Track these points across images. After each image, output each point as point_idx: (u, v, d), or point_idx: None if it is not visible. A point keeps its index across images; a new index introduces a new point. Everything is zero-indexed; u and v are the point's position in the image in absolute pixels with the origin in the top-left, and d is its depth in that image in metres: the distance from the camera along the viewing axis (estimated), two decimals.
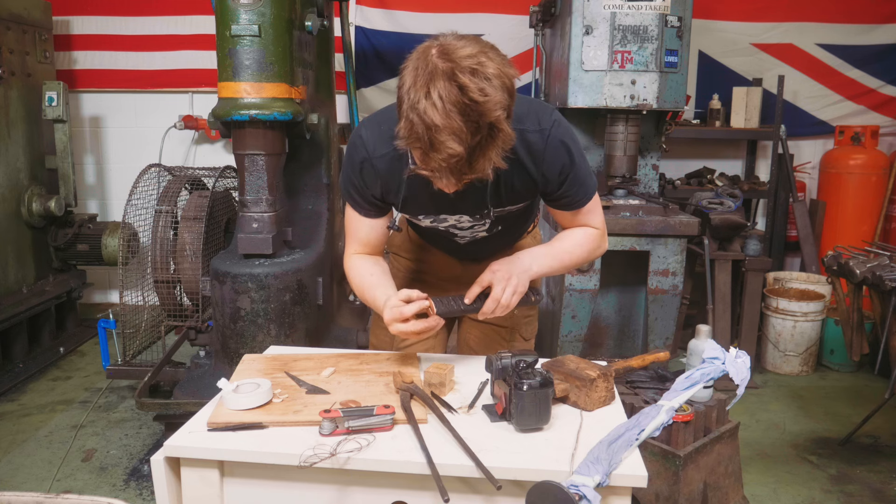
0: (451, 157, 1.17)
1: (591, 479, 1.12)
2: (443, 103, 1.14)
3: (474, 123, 1.15)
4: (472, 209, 1.52)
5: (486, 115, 1.15)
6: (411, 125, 1.18)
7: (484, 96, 1.15)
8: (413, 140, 1.19)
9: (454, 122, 1.14)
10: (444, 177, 1.24)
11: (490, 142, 1.19)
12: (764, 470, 2.87)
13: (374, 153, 1.47)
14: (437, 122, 1.14)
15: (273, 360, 1.59)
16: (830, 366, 4.02)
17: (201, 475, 1.23)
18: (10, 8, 3.79)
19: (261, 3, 2.50)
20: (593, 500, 1.10)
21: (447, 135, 1.15)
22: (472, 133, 1.16)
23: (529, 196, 1.56)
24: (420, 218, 1.59)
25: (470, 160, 1.19)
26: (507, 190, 1.48)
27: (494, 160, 1.22)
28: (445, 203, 1.48)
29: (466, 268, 1.77)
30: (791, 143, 4.44)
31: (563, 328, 3.13)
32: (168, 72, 4.57)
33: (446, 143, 1.15)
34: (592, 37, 3.01)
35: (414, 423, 1.25)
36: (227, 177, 3.51)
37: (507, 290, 1.47)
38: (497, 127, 1.18)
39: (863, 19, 4.50)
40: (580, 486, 1.10)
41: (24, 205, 3.91)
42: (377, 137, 1.47)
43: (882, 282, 2.81)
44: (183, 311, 3.25)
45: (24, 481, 2.70)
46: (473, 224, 1.59)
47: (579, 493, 1.10)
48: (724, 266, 3.60)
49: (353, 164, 1.50)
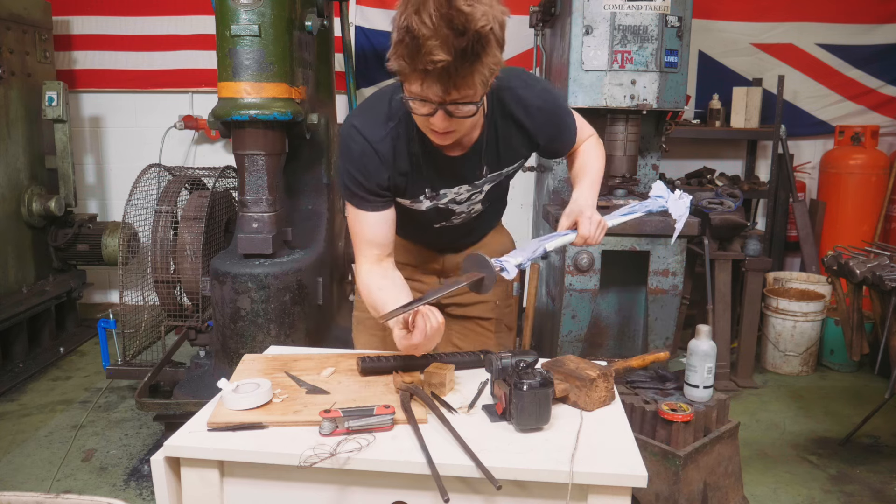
0: (437, 62, 1.19)
1: (515, 260, 1.42)
2: (431, 18, 1.17)
3: (460, 30, 1.17)
4: (472, 174, 1.55)
5: (472, 23, 1.17)
6: (402, 44, 1.21)
7: (470, 7, 1.18)
8: (403, 52, 1.21)
9: (441, 31, 1.17)
10: (432, 86, 1.24)
11: (476, 55, 1.21)
12: (764, 470, 2.87)
13: (373, 139, 1.47)
14: (424, 32, 1.17)
15: (273, 360, 1.59)
16: (830, 366, 4.02)
17: (201, 475, 1.23)
18: (10, 8, 3.79)
19: (261, 3, 2.50)
20: (511, 271, 1.41)
21: (434, 41, 1.17)
22: (457, 39, 1.18)
23: (525, 152, 1.60)
24: (422, 199, 1.58)
25: (458, 69, 1.21)
26: (505, 147, 1.53)
27: (479, 83, 1.25)
28: (449, 172, 1.52)
29: (447, 260, 1.81)
30: (791, 143, 4.44)
31: (563, 328, 3.13)
32: (168, 72, 4.57)
33: (432, 49, 1.18)
34: (592, 37, 3.01)
35: (414, 423, 1.25)
36: (227, 177, 3.51)
37: (592, 226, 1.53)
38: (483, 38, 1.20)
39: (863, 19, 4.50)
40: (503, 261, 1.41)
41: (24, 205, 3.92)
42: (371, 123, 1.47)
43: (882, 282, 2.81)
44: (183, 311, 3.25)
45: (24, 481, 2.70)
46: (471, 194, 1.61)
47: (501, 265, 1.40)
48: (724, 266, 3.60)
49: (353, 158, 1.49)
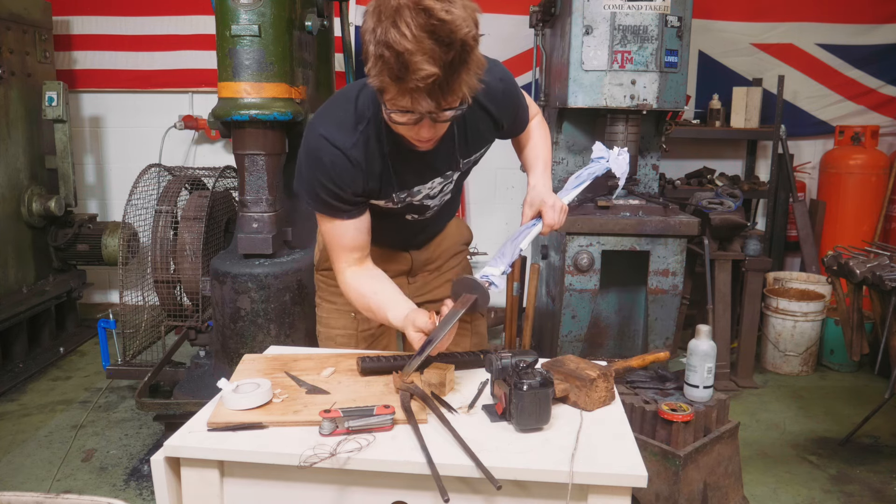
0: (427, 78, 1.16)
1: (498, 269, 1.46)
2: (411, 30, 1.14)
3: (445, 42, 1.15)
4: (445, 165, 1.54)
5: (456, 32, 1.15)
6: (382, 59, 1.17)
7: (450, 14, 1.15)
8: (386, 71, 1.18)
9: (425, 44, 1.14)
10: (422, 101, 1.21)
11: (463, 63, 1.19)
12: (764, 470, 2.87)
13: (344, 146, 1.42)
14: (408, 47, 1.14)
15: (273, 360, 1.59)
16: (830, 366, 4.02)
17: (201, 475, 1.23)
18: (10, 8, 3.79)
19: (261, 3, 2.50)
20: (499, 283, 1.45)
21: (420, 56, 1.15)
22: (444, 51, 1.16)
23: (490, 137, 1.61)
24: (394, 198, 1.56)
25: (448, 80, 1.19)
26: (473, 134, 1.53)
27: (470, 84, 1.23)
28: (423, 166, 1.51)
29: (414, 259, 1.80)
30: (791, 143, 4.44)
31: (563, 328, 3.13)
32: (168, 72, 4.57)
33: (420, 65, 1.15)
34: (592, 37, 3.01)
35: (414, 423, 1.25)
36: (227, 177, 3.51)
37: (556, 213, 1.56)
38: (468, 45, 1.18)
39: (863, 19, 4.50)
40: (489, 276, 1.45)
41: (24, 205, 3.92)
42: (339, 130, 1.43)
43: (882, 282, 2.81)
44: (183, 311, 3.25)
45: (24, 481, 2.70)
46: (443, 185, 1.60)
47: (488, 280, 1.45)
48: (724, 266, 3.60)
49: (323, 169, 1.43)
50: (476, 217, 4.78)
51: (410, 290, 1.81)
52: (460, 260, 1.92)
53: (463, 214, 4.67)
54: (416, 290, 1.83)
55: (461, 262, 1.93)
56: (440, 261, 1.86)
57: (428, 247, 1.81)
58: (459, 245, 1.91)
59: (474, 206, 4.77)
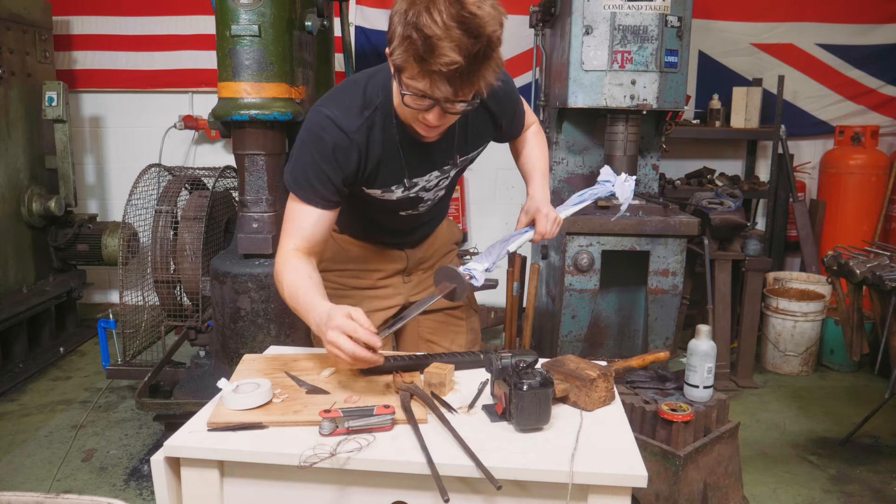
0: (450, 64, 1.19)
1: (482, 266, 1.47)
2: (442, 18, 1.17)
3: (473, 34, 1.18)
4: (444, 159, 1.57)
5: (485, 27, 1.19)
6: (409, 40, 1.20)
7: (481, 10, 1.19)
8: (412, 50, 1.20)
9: (454, 33, 1.17)
10: (441, 86, 1.23)
11: (486, 58, 1.22)
12: (764, 470, 2.87)
13: (349, 129, 1.44)
14: (437, 33, 1.17)
15: (273, 360, 1.59)
16: (830, 366, 4.02)
17: (201, 475, 1.23)
18: (10, 8, 3.79)
19: (261, 3, 2.50)
20: (479, 277, 1.47)
21: (447, 42, 1.18)
22: (471, 43, 1.18)
23: (488, 136, 1.64)
24: (393, 189, 1.56)
25: (469, 71, 1.21)
26: (473, 132, 1.57)
27: (487, 80, 1.26)
28: (423, 158, 1.53)
29: (410, 257, 1.82)
30: (791, 143, 4.44)
31: (563, 328, 3.13)
32: (168, 72, 4.57)
33: (445, 51, 1.18)
34: (592, 37, 3.01)
35: (414, 423, 1.25)
36: (227, 177, 3.51)
37: (549, 223, 1.61)
38: (493, 42, 1.21)
39: (863, 19, 4.50)
40: (471, 269, 1.47)
41: (24, 205, 3.92)
42: (345, 113, 1.45)
43: (882, 282, 2.81)
44: (183, 311, 3.25)
45: (24, 481, 2.70)
46: (439, 180, 1.62)
47: (470, 273, 1.46)
48: (724, 266, 3.60)
49: (323, 149, 1.44)
50: (476, 217, 4.78)
51: (406, 289, 1.84)
52: (451, 259, 1.96)
53: (463, 214, 4.67)
54: (411, 288, 1.85)
55: (451, 262, 1.96)
56: (433, 259, 1.90)
57: (422, 246, 1.85)
58: (450, 244, 1.96)
59: (474, 206, 4.77)
